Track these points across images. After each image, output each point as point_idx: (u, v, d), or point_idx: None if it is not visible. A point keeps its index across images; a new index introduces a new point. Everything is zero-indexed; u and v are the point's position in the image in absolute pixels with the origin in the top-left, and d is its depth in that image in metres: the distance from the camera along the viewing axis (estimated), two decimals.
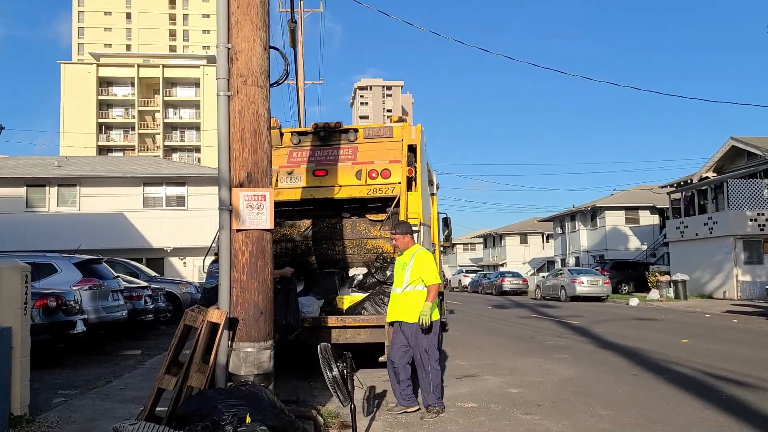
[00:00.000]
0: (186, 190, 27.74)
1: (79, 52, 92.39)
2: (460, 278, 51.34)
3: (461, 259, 74.53)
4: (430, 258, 5.85)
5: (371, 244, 7.86)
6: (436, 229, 10.24)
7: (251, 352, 4.63)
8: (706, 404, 6.37)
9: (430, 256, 5.88)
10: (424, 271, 5.73)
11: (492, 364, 9.24)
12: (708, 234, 27.94)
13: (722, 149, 29.79)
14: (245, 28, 4.83)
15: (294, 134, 8.35)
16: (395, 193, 7.40)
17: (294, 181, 7.84)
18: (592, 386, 7.44)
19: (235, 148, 4.77)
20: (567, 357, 9.87)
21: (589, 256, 42.80)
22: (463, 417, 6.02)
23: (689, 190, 30.68)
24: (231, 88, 4.79)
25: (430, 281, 5.73)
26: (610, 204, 42.57)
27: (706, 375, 8.01)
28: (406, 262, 5.80)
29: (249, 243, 4.71)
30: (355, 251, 7.93)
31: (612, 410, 6.19)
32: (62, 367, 8.91)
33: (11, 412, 5.24)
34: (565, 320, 17.10)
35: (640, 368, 8.69)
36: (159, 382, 4.59)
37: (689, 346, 11.04)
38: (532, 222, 60.67)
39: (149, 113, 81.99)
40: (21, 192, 26.44)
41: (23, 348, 5.46)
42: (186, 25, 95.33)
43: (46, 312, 8.52)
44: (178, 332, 4.70)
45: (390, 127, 8.12)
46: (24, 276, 5.56)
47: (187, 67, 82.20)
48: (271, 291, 4.85)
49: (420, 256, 5.79)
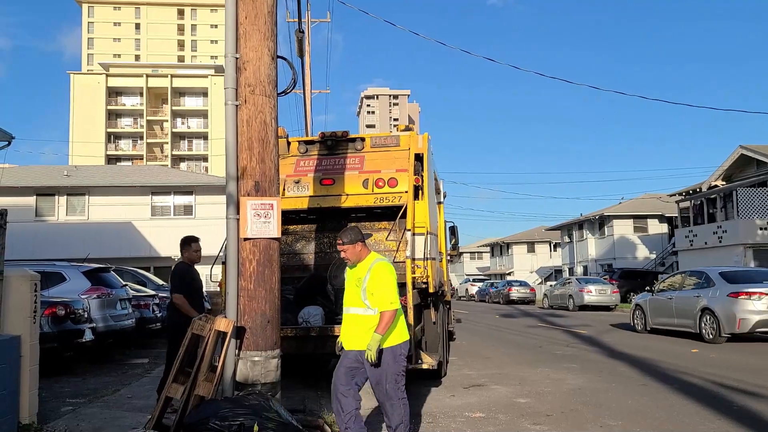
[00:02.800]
0: (194, 199, 27.86)
1: (89, 63, 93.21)
2: (467, 287, 51.20)
3: (468, 267, 74.38)
4: (388, 273, 4.56)
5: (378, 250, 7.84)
6: (443, 238, 10.22)
7: (259, 360, 4.62)
8: (716, 415, 6.31)
9: (389, 271, 4.59)
10: (378, 290, 4.48)
11: (500, 374, 9.19)
12: (717, 243, 27.77)
13: (731, 157, 29.67)
14: (253, 38, 4.86)
15: (301, 143, 8.37)
16: (402, 202, 7.39)
17: (301, 190, 7.85)
18: (601, 396, 7.39)
19: (242, 157, 4.79)
20: (575, 367, 9.81)
21: (597, 265, 42.61)
22: (470, 427, 5.99)
23: (698, 199, 30.54)
24: (239, 98, 4.82)
25: (383, 306, 4.46)
26: (618, 212, 42.42)
27: (717, 385, 7.93)
28: (361, 277, 4.58)
29: (256, 252, 4.72)
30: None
31: (621, 420, 6.14)
32: (70, 375, 8.93)
33: (20, 420, 5.25)
34: (574, 329, 17.00)
35: (649, 378, 8.62)
36: (166, 390, 4.59)
37: (699, 356, 10.95)
38: (540, 231, 60.50)
39: (157, 123, 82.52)
40: (30, 201, 26.64)
41: (32, 356, 5.48)
42: (194, 36, 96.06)
43: (54, 320, 8.55)
44: (185, 341, 4.70)
45: (397, 136, 8.12)
46: (33, 284, 5.58)
47: (196, 77, 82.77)
48: (278, 300, 4.85)
49: (377, 271, 4.53)
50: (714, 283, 13.48)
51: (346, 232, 4.68)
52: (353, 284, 4.65)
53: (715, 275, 13.76)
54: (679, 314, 14.14)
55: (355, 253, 4.61)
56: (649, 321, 15.41)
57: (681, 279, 15.26)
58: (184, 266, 6.75)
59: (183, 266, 6.75)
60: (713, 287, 13.39)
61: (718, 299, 12.95)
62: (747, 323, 12.32)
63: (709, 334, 13.00)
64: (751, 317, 12.32)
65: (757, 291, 12.55)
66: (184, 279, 6.63)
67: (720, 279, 13.49)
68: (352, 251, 4.61)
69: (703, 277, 14.09)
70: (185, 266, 6.74)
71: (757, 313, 12.33)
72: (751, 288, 12.70)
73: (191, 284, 6.66)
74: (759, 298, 12.44)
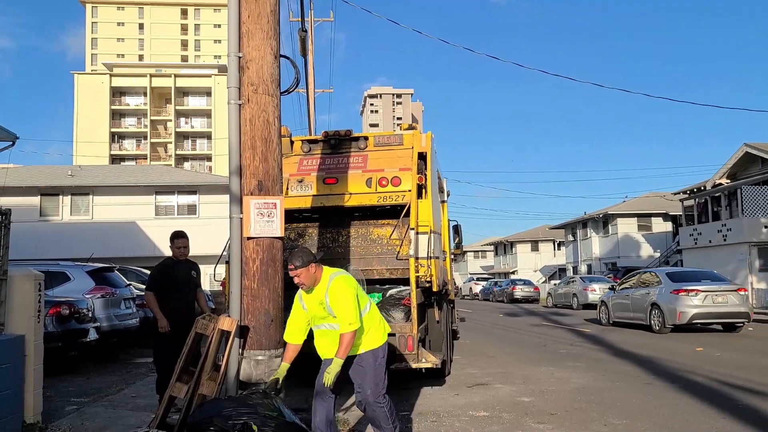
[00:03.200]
0: (197, 199, 27.91)
1: (93, 63, 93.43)
2: (471, 286, 51.17)
3: (472, 266, 74.33)
4: (345, 288, 4.33)
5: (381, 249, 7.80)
6: (446, 236, 10.20)
7: (262, 360, 4.62)
8: (721, 413, 6.29)
9: (347, 285, 4.36)
10: (337, 309, 4.28)
11: (504, 373, 9.18)
12: (722, 241, 27.69)
13: (736, 156, 29.56)
14: (256, 37, 4.85)
15: (304, 142, 8.37)
16: (405, 201, 7.38)
17: (304, 189, 7.85)
18: (605, 395, 7.37)
19: (245, 156, 4.78)
20: (580, 365, 9.79)
21: (601, 264, 42.53)
22: (474, 426, 5.99)
23: (702, 197, 30.45)
24: (242, 97, 4.82)
25: (342, 327, 4.24)
26: (622, 211, 42.32)
27: (722, 384, 7.91)
28: (322, 300, 4.37)
29: (260, 251, 4.72)
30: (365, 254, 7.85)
31: (626, 419, 6.13)
32: (75, 374, 8.95)
33: (24, 419, 5.27)
34: (578, 328, 16.98)
35: (654, 377, 8.60)
36: (170, 389, 4.60)
37: (703, 355, 10.92)
38: (544, 229, 60.42)
39: (161, 122, 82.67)
40: (35, 201, 26.70)
41: (36, 356, 5.50)
42: (198, 35, 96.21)
43: (59, 320, 8.58)
44: (189, 340, 4.71)
45: (400, 135, 8.11)
46: (37, 284, 5.60)
47: (199, 77, 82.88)
48: (281, 299, 4.85)
49: (333, 289, 4.32)
50: (661, 281, 15.54)
51: (297, 255, 4.33)
52: (316, 305, 4.43)
53: (662, 275, 15.94)
54: (634, 309, 16.13)
55: (309, 276, 4.33)
56: (611, 315, 17.39)
57: (637, 279, 17.07)
58: (164, 262, 6.63)
59: (163, 262, 6.64)
60: (660, 285, 15.44)
61: (664, 296, 14.99)
62: (685, 316, 14.36)
63: (656, 326, 14.95)
64: (688, 311, 14.37)
65: (694, 288, 14.61)
66: (156, 276, 6.49)
67: (666, 278, 15.56)
68: (306, 275, 4.32)
69: (654, 277, 16.21)
70: (165, 262, 6.61)
71: (694, 307, 14.39)
72: (689, 286, 14.74)
73: (166, 282, 6.42)
74: (696, 295, 14.51)
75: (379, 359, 4.50)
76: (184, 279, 6.51)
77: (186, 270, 6.56)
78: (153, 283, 6.47)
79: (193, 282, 6.61)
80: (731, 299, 14.73)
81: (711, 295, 14.62)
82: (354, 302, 4.32)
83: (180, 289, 6.45)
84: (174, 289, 6.41)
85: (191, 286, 6.59)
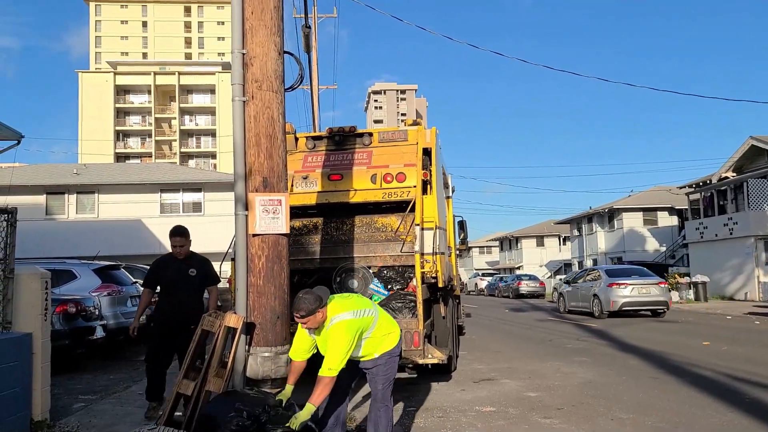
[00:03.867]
0: (202, 196, 27.96)
1: (97, 61, 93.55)
2: (477, 281, 51.14)
3: (477, 262, 74.26)
4: (341, 335, 4.18)
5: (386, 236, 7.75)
6: (451, 232, 10.18)
7: (269, 356, 4.63)
8: (728, 407, 6.27)
9: (344, 332, 4.20)
10: (327, 352, 4.20)
11: (510, 368, 9.18)
12: (728, 235, 27.58)
13: (741, 149, 29.41)
14: (260, 33, 4.85)
15: (309, 139, 8.36)
16: (410, 197, 7.37)
17: (309, 185, 7.85)
18: (612, 390, 7.36)
19: (250, 153, 4.78)
20: (586, 360, 9.78)
21: (607, 258, 42.42)
22: (481, 421, 5.99)
23: (708, 191, 30.32)
24: (246, 94, 4.81)
25: (323, 369, 4.12)
26: (627, 205, 42.17)
27: (729, 378, 7.89)
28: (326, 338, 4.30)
29: (265, 248, 4.72)
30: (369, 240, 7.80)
31: (633, 414, 6.12)
32: (82, 372, 8.99)
33: (32, 416, 5.29)
34: (584, 323, 16.95)
35: (660, 371, 8.59)
36: (177, 386, 4.61)
37: (710, 349, 10.89)
38: (549, 224, 60.27)
39: (165, 120, 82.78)
40: (41, 200, 26.80)
41: (44, 353, 5.52)
42: (201, 33, 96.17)
43: (66, 318, 8.61)
44: (195, 337, 4.72)
45: (404, 131, 8.09)
46: (44, 282, 5.62)
47: (203, 74, 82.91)
48: (287, 296, 4.85)
49: (331, 333, 4.23)
50: (601, 277, 19.10)
51: (303, 301, 4.16)
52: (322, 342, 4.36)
53: (602, 271, 19.61)
54: (582, 299, 19.91)
55: (317, 321, 4.23)
56: (566, 305, 21.28)
57: (585, 275, 21.03)
58: (159, 258, 6.42)
59: (159, 258, 6.42)
60: (601, 280, 18.97)
61: (602, 288, 18.60)
62: (617, 304, 17.94)
63: (596, 312, 18.57)
64: (619, 300, 17.98)
65: (624, 282, 18.25)
66: (148, 273, 6.38)
67: (605, 274, 19.18)
68: (314, 321, 4.21)
69: (597, 273, 19.83)
70: (161, 258, 6.39)
71: (624, 297, 17.98)
72: (621, 280, 18.38)
73: (159, 278, 6.20)
74: (625, 287, 18.10)
75: (394, 356, 4.52)
76: (178, 277, 6.08)
77: (182, 267, 6.10)
78: (145, 280, 6.39)
79: (191, 280, 6.12)
80: (653, 291, 18.14)
81: (637, 288, 18.11)
82: (344, 352, 4.16)
83: (172, 287, 6.10)
84: (165, 287, 6.16)
85: (188, 285, 6.11)
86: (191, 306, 6.04)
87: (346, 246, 7.51)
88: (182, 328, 5.79)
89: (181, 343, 5.51)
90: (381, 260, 7.44)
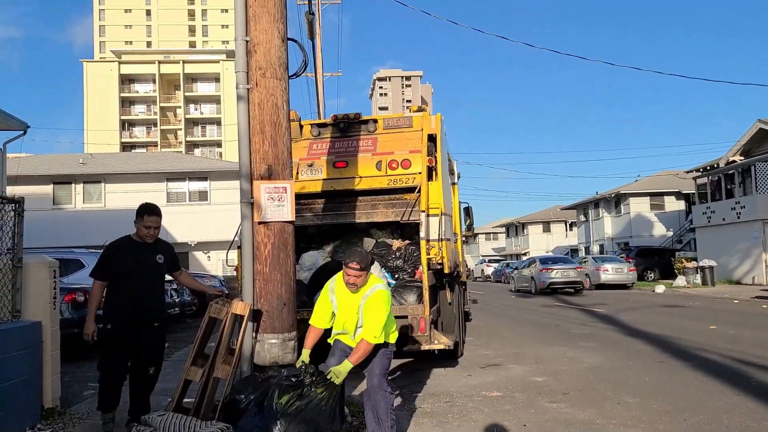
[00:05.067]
0: (208, 185, 28.03)
1: (101, 50, 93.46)
2: (483, 268, 51.10)
3: (484, 248, 74.26)
4: (382, 304, 4.30)
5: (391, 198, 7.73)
6: (457, 218, 10.19)
7: (276, 343, 4.66)
8: (735, 391, 6.28)
9: (384, 302, 4.32)
10: (367, 319, 4.27)
11: (516, 353, 9.20)
12: (736, 219, 27.44)
13: (749, 132, 29.14)
14: (263, 20, 4.82)
15: (314, 126, 8.35)
16: (416, 183, 7.36)
17: (314, 173, 7.85)
18: (618, 374, 7.38)
19: (255, 141, 4.78)
20: (592, 345, 9.79)
21: (614, 244, 42.31)
22: (487, 406, 6.01)
23: (716, 175, 30.13)
24: (250, 81, 4.80)
25: (366, 335, 4.23)
26: (634, 190, 41.97)
27: (735, 361, 7.89)
28: (357, 304, 4.37)
29: (271, 235, 4.73)
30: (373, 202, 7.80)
31: (639, 398, 6.13)
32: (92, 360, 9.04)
33: (43, 404, 5.36)
34: (590, 308, 16.96)
35: (667, 355, 8.59)
36: (186, 373, 4.65)
37: (717, 333, 10.88)
38: (555, 210, 60.15)
39: (171, 109, 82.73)
40: (47, 190, 26.93)
41: (53, 342, 5.57)
42: (205, 21, 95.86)
43: (74, 306, 8.68)
44: (203, 325, 4.75)
45: (409, 117, 8.07)
46: (52, 271, 5.66)
47: (207, 62, 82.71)
48: (293, 283, 4.87)
49: (372, 300, 4.30)
50: (537, 264, 25.30)
51: (362, 256, 4.33)
52: (349, 310, 4.42)
53: (537, 260, 25.97)
54: (524, 281, 26.48)
55: (363, 280, 4.36)
56: (516, 286, 27.78)
57: (528, 264, 27.34)
58: (114, 242, 5.14)
59: (113, 243, 5.14)
60: (536, 266, 25.23)
61: (537, 272, 24.87)
62: (545, 283, 24.06)
63: (532, 290, 25.04)
64: (547, 280, 24.06)
65: (551, 267, 24.38)
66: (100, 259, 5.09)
67: (539, 261, 25.58)
68: (363, 279, 4.35)
69: (534, 261, 26.47)
70: (116, 242, 5.13)
71: (550, 278, 24.04)
72: (549, 266, 24.57)
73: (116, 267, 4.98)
74: (552, 271, 24.16)
75: (388, 350, 4.55)
76: (141, 264, 5.02)
77: (148, 253, 5.08)
78: (96, 269, 5.04)
79: (158, 268, 5.15)
80: (571, 273, 24.27)
81: (561, 271, 24.23)
82: (384, 320, 4.32)
83: (134, 276, 4.98)
84: (121, 277, 4.98)
85: (153, 274, 5.13)
86: (156, 299, 5.18)
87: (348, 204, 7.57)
88: (146, 326, 5.02)
89: (144, 345, 4.99)
90: (383, 216, 7.39)
